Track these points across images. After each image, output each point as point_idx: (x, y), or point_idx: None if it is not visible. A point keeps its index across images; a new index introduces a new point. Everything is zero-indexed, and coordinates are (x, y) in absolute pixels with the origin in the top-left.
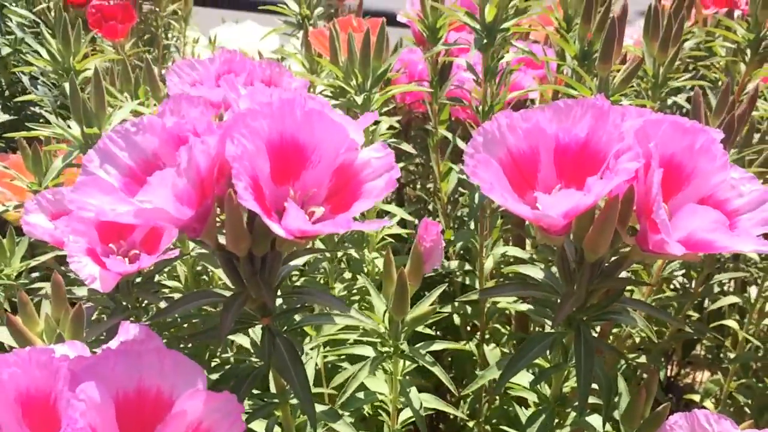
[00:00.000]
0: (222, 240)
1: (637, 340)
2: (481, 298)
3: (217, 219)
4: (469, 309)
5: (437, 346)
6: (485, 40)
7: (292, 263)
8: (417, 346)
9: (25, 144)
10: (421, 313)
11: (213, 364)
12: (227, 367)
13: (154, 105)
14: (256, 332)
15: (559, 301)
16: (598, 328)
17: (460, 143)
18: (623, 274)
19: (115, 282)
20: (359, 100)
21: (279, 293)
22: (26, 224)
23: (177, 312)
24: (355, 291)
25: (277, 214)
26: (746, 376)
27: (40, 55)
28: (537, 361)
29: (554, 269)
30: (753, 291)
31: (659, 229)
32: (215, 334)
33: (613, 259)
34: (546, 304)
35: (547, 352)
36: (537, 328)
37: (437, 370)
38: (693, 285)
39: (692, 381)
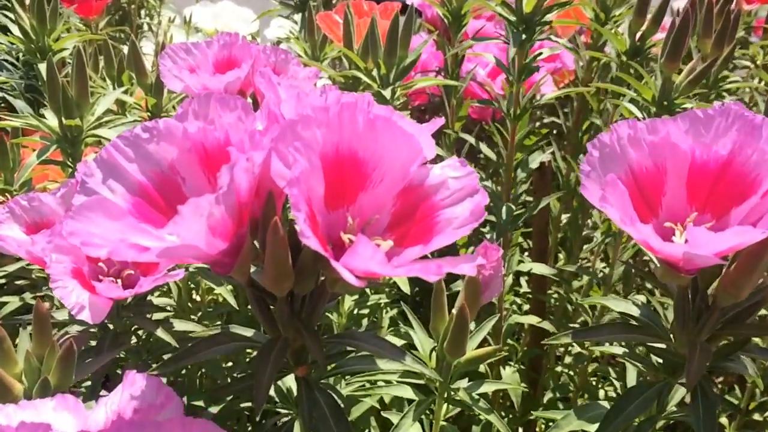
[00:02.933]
0: (254, 273)
1: None
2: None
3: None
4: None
5: (488, 387)
6: (523, 35)
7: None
8: (462, 385)
9: None
10: (479, 355)
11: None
12: None
13: (144, 95)
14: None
15: (667, 347)
16: None
17: (485, 149)
18: None
19: (107, 310)
20: (387, 94)
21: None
22: None
23: (194, 361)
24: (367, 307)
25: (332, 248)
26: None
27: (10, 32)
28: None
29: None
30: None
31: None
32: (250, 391)
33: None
34: (647, 346)
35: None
36: (564, 350)
37: (494, 419)
38: None
39: None
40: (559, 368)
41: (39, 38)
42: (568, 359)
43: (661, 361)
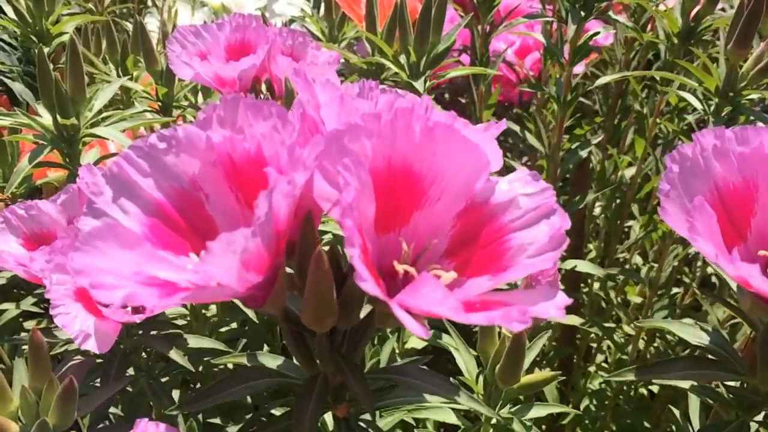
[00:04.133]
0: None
1: None
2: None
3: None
4: None
5: (537, 411)
6: (582, 12)
7: None
8: (512, 411)
9: None
10: (535, 381)
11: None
12: None
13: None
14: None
15: (744, 384)
16: None
17: (531, 139)
18: None
19: (115, 336)
20: (419, 86)
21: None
22: None
23: (219, 401)
24: None
25: (381, 276)
26: None
27: (5, 14)
28: None
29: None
30: None
31: None
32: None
33: None
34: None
35: None
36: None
37: None
38: None
39: None
40: (592, 368)
41: (36, 21)
42: (599, 357)
43: (732, 395)
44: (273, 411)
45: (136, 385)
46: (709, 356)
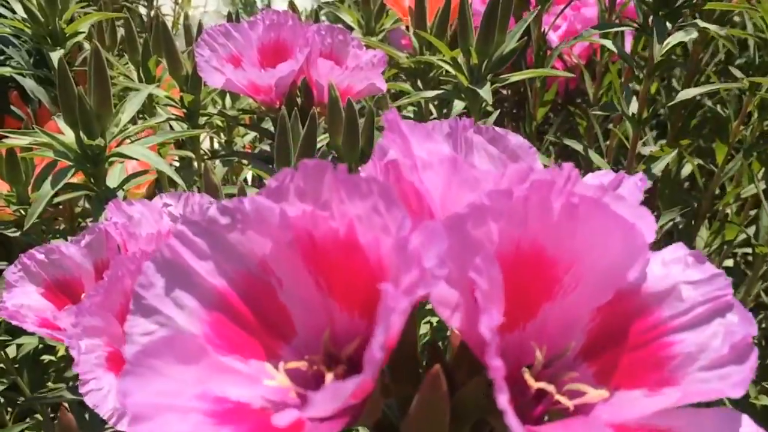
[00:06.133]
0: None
1: None
2: None
3: None
4: None
5: None
6: (668, 21)
7: None
8: None
9: None
10: None
11: None
12: None
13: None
14: None
15: None
16: None
17: (595, 157)
18: None
19: None
20: (485, 94)
21: None
22: (6, 310)
23: None
24: None
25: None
26: None
27: (13, 13)
28: None
29: None
30: None
31: None
32: None
33: None
34: None
35: None
36: None
37: None
38: None
39: None
40: None
41: (48, 20)
42: None
43: None
44: None
45: None
46: None
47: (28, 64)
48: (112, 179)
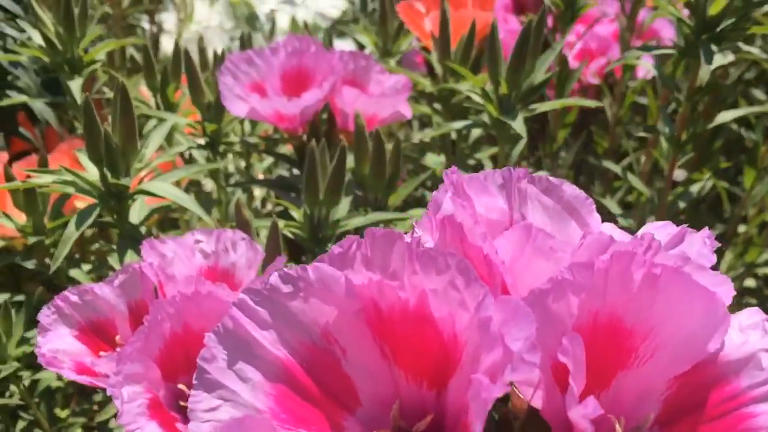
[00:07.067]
0: None
1: None
2: None
3: None
4: None
5: None
6: (712, 44)
7: None
8: None
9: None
10: None
11: None
12: None
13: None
14: None
15: None
16: None
17: (635, 181)
18: None
19: None
20: (518, 126)
21: None
22: (43, 356)
23: None
24: None
25: None
26: None
27: (21, 32)
28: None
29: None
30: None
31: None
32: None
33: None
34: None
35: None
36: None
37: None
38: None
39: None
40: None
41: (67, 48)
42: None
43: None
44: None
45: None
46: None
47: (36, 86)
48: (133, 213)
